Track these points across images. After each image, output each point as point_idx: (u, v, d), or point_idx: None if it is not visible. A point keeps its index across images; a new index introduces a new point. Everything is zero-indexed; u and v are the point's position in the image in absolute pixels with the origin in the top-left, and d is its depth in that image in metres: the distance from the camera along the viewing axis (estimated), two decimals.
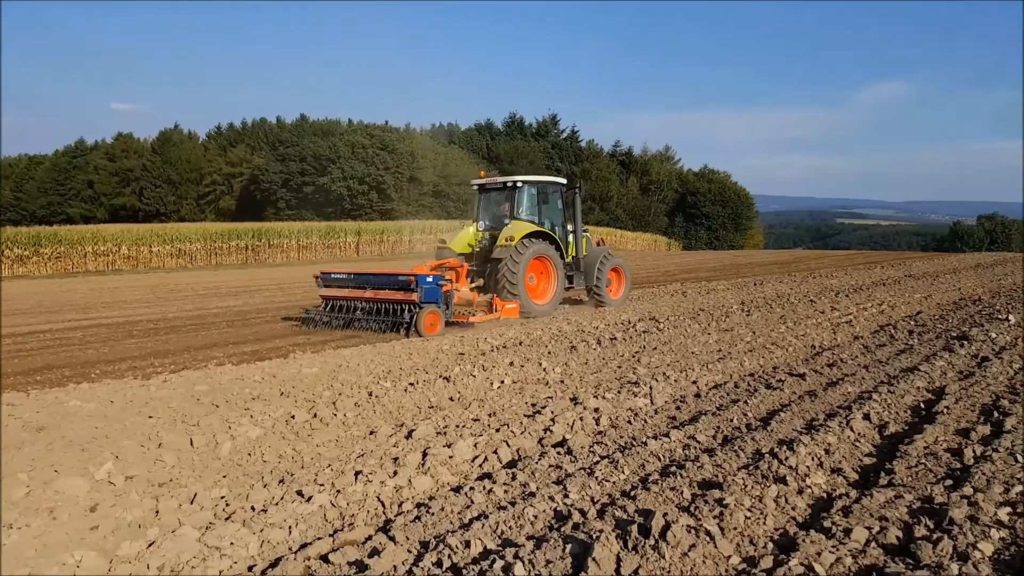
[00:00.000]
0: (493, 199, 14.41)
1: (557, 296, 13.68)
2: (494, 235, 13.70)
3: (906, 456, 4.58)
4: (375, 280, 12.23)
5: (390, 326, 11.44)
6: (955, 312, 11.95)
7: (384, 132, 65.63)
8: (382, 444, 5.31)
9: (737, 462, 4.59)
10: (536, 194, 14.04)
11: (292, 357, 8.97)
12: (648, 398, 6.45)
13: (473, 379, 7.33)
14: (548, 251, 13.41)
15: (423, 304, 11.24)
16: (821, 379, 7.17)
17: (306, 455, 5.16)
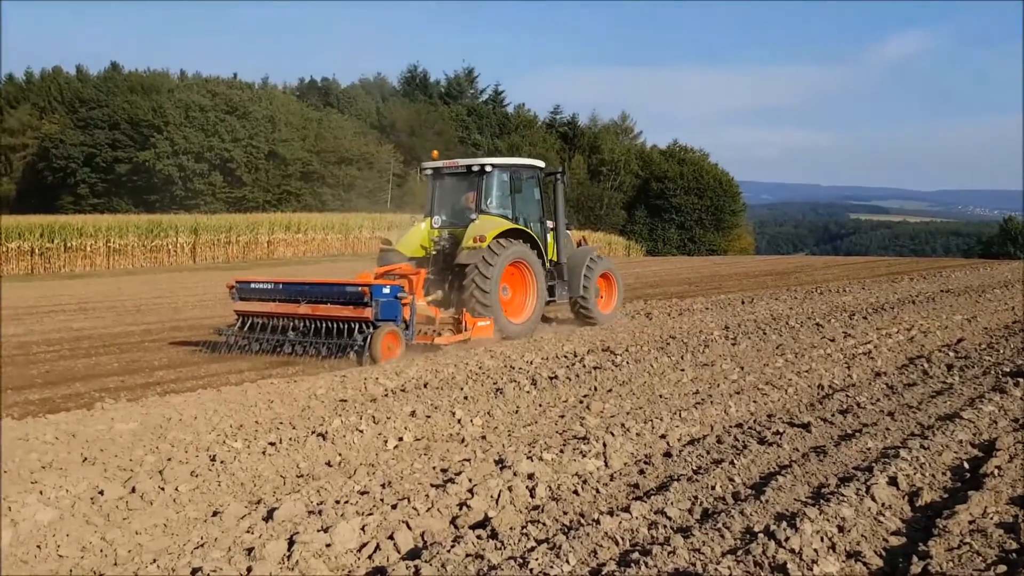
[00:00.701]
0: (452, 187, 14.97)
1: (537, 312, 14.46)
2: (455, 234, 14.18)
3: (945, 534, 4.77)
4: (313, 291, 12.72)
5: (335, 350, 11.82)
6: (1008, 340, 12.59)
7: (232, 89, 64.61)
8: (231, 529, 5.19)
9: (721, 545, 4.68)
10: (508, 181, 14.63)
11: (99, 408, 8.71)
12: (601, 459, 6.52)
13: (360, 435, 7.26)
14: (526, 254, 14.02)
15: (379, 322, 11.70)
16: (832, 431, 7.41)
17: (121, 547, 5.00)
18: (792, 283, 27.41)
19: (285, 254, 48.29)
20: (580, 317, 15.74)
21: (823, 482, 5.83)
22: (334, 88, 79.41)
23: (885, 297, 20.17)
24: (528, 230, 14.35)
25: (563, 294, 15.19)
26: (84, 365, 12.38)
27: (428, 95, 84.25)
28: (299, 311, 12.43)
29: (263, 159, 62.46)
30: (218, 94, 62.69)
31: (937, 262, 43.46)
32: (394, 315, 11.98)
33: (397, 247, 14.36)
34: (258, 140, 61.91)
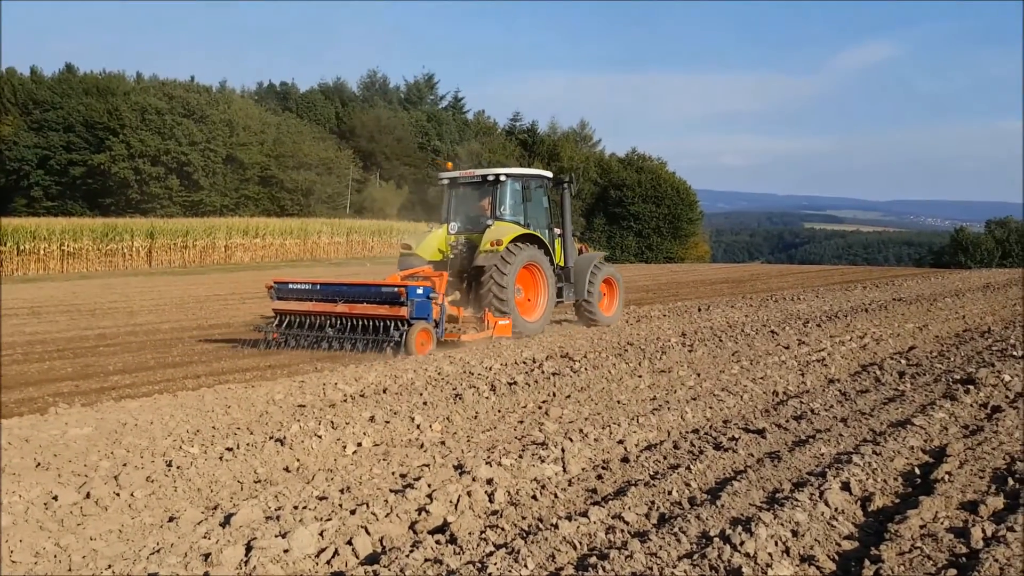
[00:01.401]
0: (467, 196, 16.00)
1: (548, 311, 15.59)
2: (470, 239, 15.28)
3: (897, 538, 4.85)
4: (350, 292, 13.81)
5: (371, 345, 12.99)
6: (958, 348, 12.83)
7: (189, 93, 63.92)
8: (187, 535, 5.14)
9: (678, 549, 4.72)
10: (520, 190, 15.70)
11: (53, 412, 8.60)
12: (560, 464, 6.55)
13: (318, 441, 7.22)
14: (538, 258, 15.16)
15: (413, 320, 12.82)
16: (786, 436, 7.51)
17: (75, 553, 4.93)
18: (748, 291, 27.71)
19: (243, 259, 47.87)
20: (584, 318, 16.74)
21: (777, 487, 5.90)
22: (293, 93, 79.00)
23: (838, 305, 20.45)
24: (539, 235, 15.34)
25: (570, 296, 16.14)
26: (37, 370, 12.20)
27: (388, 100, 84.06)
28: (336, 310, 13.49)
29: (221, 163, 61.89)
30: (175, 97, 62.00)
31: (889, 271, 44.19)
32: (426, 314, 13.06)
33: (417, 252, 15.26)
34: (216, 144, 61.31)
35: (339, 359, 12.78)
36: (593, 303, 16.51)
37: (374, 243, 55.72)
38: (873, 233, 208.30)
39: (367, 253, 54.62)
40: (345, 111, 77.67)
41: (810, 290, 26.92)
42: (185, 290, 28.98)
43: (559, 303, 16.00)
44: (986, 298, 22.36)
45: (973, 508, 5.37)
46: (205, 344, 14.90)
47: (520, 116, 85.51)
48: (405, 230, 46.58)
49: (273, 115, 68.93)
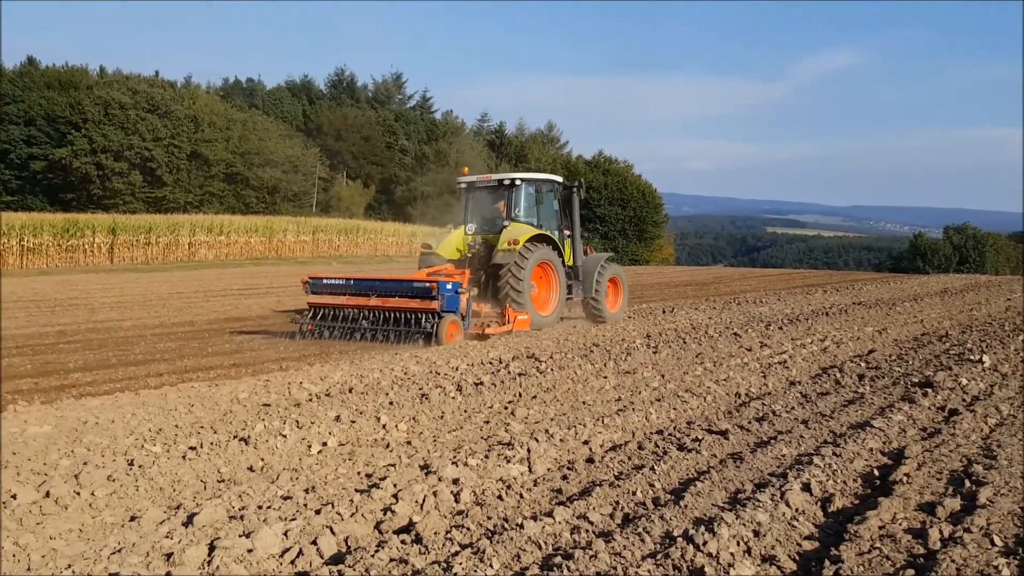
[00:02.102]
0: (483, 199, 16.95)
1: (560, 307, 16.61)
2: (487, 239, 16.37)
3: (857, 539, 4.92)
4: (384, 286, 14.69)
5: (404, 336, 13.93)
6: (916, 351, 13.00)
7: (153, 88, 63.20)
8: (149, 535, 5.09)
9: (642, 549, 4.76)
10: (534, 193, 16.72)
11: (12, 410, 8.47)
12: (525, 464, 6.56)
13: (283, 440, 7.18)
14: (551, 257, 16.19)
15: (443, 313, 13.77)
16: (749, 438, 7.58)
17: (35, 552, 4.86)
18: (711, 293, 27.92)
19: (207, 256, 47.39)
20: (591, 315, 17.57)
21: (740, 488, 5.96)
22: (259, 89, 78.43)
23: (800, 308, 20.65)
24: (551, 236, 16.37)
25: (578, 293, 17.17)
26: None
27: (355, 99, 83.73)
28: (370, 303, 14.41)
29: (185, 159, 61.22)
30: (139, 92, 61.21)
31: (849, 275, 44.68)
32: (455, 307, 13.98)
33: (437, 251, 16.33)
34: (180, 140, 60.65)
35: (305, 358, 12.72)
36: (600, 300, 17.41)
37: (340, 242, 55.39)
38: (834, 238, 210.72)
39: (333, 252, 54.32)
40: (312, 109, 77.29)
41: (772, 293, 27.17)
42: (148, 287, 28.64)
43: (568, 300, 16.94)
44: (944, 303, 22.70)
45: (931, 509, 5.45)
46: (169, 342, 14.75)
47: (488, 117, 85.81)
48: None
49: (239, 112, 68.28)
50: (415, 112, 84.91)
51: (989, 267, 69.15)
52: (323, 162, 70.21)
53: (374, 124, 76.43)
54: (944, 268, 67.70)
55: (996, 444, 7.07)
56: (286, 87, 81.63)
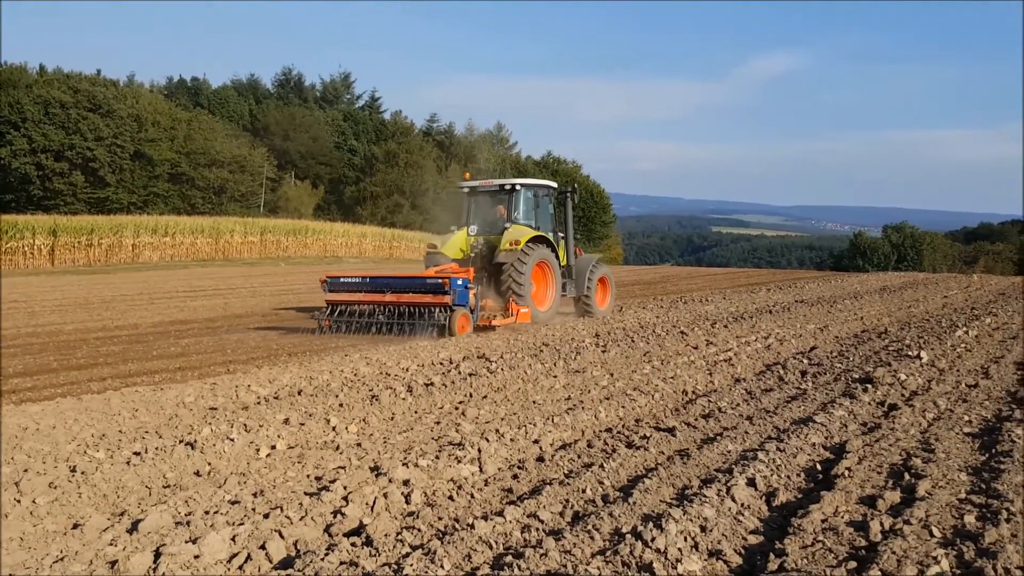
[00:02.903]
0: (485, 202, 18.18)
1: (556, 303, 17.79)
2: (489, 240, 17.51)
3: (800, 532, 5.00)
4: (398, 283, 15.87)
5: (418, 328, 14.94)
6: (857, 348, 13.25)
7: (95, 86, 61.97)
8: (92, 542, 4.99)
9: (591, 546, 4.78)
10: (532, 197, 18.00)
11: None
12: (476, 464, 6.56)
13: (231, 444, 7.09)
14: (548, 257, 17.36)
15: (455, 306, 14.87)
16: (695, 434, 7.66)
17: None
18: (658, 292, 28.14)
19: (151, 258, 46.63)
20: (582, 311, 18.81)
21: (687, 484, 6.02)
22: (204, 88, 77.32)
23: (744, 307, 20.92)
24: (548, 237, 17.53)
25: (571, 290, 18.45)
26: None
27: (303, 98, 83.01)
28: (385, 299, 15.47)
29: (128, 159, 60.18)
30: (80, 91, 60.01)
31: (792, 274, 45.32)
32: (465, 301, 15.09)
33: (443, 250, 17.30)
34: (123, 139, 59.59)
35: (253, 361, 12.58)
36: (591, 298, 18.77)
37: (289, 243, 54.84)
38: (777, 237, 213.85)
39: (282, 253, 53.77)
40: (259, 108, 76.45)
41: (718, 292, 27.48)
42: (90, 290, 28.08)
43: (563, 296, 18.17)
44: (883, 300, 23.15)
45: (871, 502, 5.56)
46: (112, 345, 14.49)
47: (437, 117, 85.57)
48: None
49: (184, 111, 67.29)
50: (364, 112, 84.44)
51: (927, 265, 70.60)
52: (271, 162, 69.49)
53: (322, 124, 75.85)
54: (883, 266, 69.01)
55: (934, 438, 7.22)
56: (232, 86, 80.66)
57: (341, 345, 14.19)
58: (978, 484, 5.88)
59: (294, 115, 74.20)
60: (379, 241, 60.53)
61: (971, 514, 5.18)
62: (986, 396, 9.15)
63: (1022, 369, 10.99)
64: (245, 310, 21.04)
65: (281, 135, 72.05)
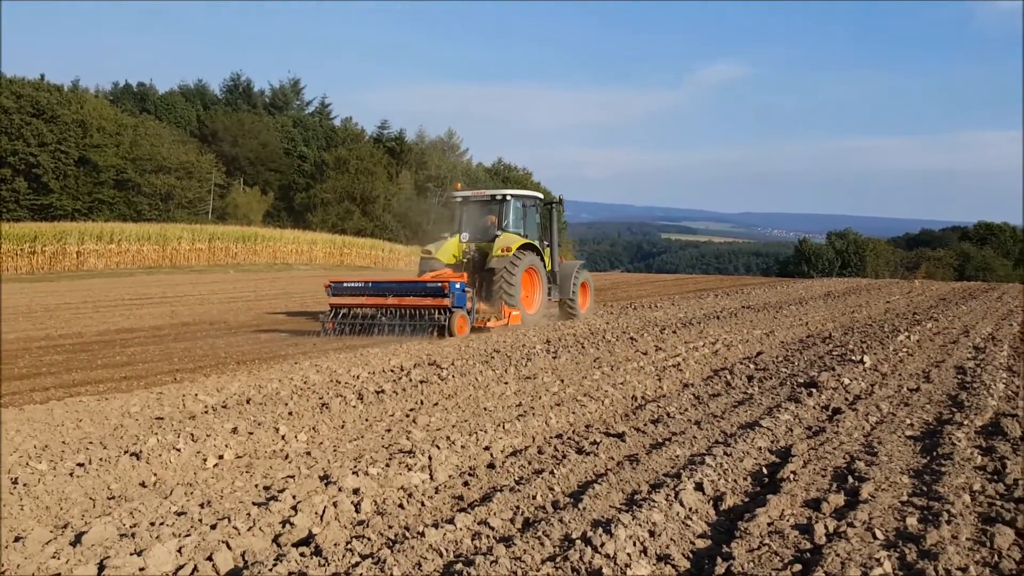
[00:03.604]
0: (476, 211, 19.18)
1: (543, 306, 18.88)
2: (480, 247, 18.52)
3: (747, 536, 5.05)
4: (399, 287, 16.87)
5: (419, 329, 15.88)
6: (802, 353, 13.45)
7: (39, 92, 60.78)
8: (34, 555, 4.88)
9: (541, 553, 4.79)
10: (521, 207, 19.08)
11: None
12: (427, 472, 6.53)
13: (177, 454, 6.98)
14: (536, 263, 18.48)
15: (454, 308, 15.77)
16: (644, 439, 7.71)
17: None
18: (609, 299, 28.29)
19: (96, 265, 45.78)
20: (566, 313, 19.93)
21: (636, 489, 6.05)
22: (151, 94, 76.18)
23: (693, 312, 21.13)
24: (536, 244, 18.59)
25: (556, 295, 19.53)
26: None
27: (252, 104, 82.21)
28: (387, 302, 16.36)
29: (73, 165, 59.08)
30: (23, 96, 58.83)
31: (739, 280, 45.87)
32: (463, 303, 15.98)
33: (437, 256, 18.16)
34: (67, 145, 58.51)
35: (200, 370, 12.41)
36: (575, 301, 19.87)
37: (238, 250, 54.17)
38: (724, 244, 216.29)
39: (231, 260, 53.12)
40: (207, 114, 75.53)
41: (666, 298, 27.72)
42: (33, 298, 27.50)
43: (548, 300, 19.16)
44: (827, 306, 23.54)
45: (816, 505, 5.63)
46: (55, 355, 14.20)
47: (388, 124, 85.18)
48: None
49: (130, 116, 66.25)
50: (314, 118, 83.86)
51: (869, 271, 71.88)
52: (219, 168, 68.67)
53: (272, 130, 75.15)
54: (827, 272, 70.11)
55: (877, 441, 7.35)
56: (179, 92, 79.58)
57: (291, 353, 14.07)
58: (919, 487, 5.99)
59: (243, 121, 73.44)
60: (330, 248, 60.09)
61: (913, 516, 5.28)
62: (927, 400, 9.34)
63: (962, 373, 11.24)
64: (193, 318, 20.75)
65: (230, 141, 71.26)
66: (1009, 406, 8.76)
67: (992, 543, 4.83)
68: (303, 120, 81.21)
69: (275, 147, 74.22)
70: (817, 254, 78.64)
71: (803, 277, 56.47)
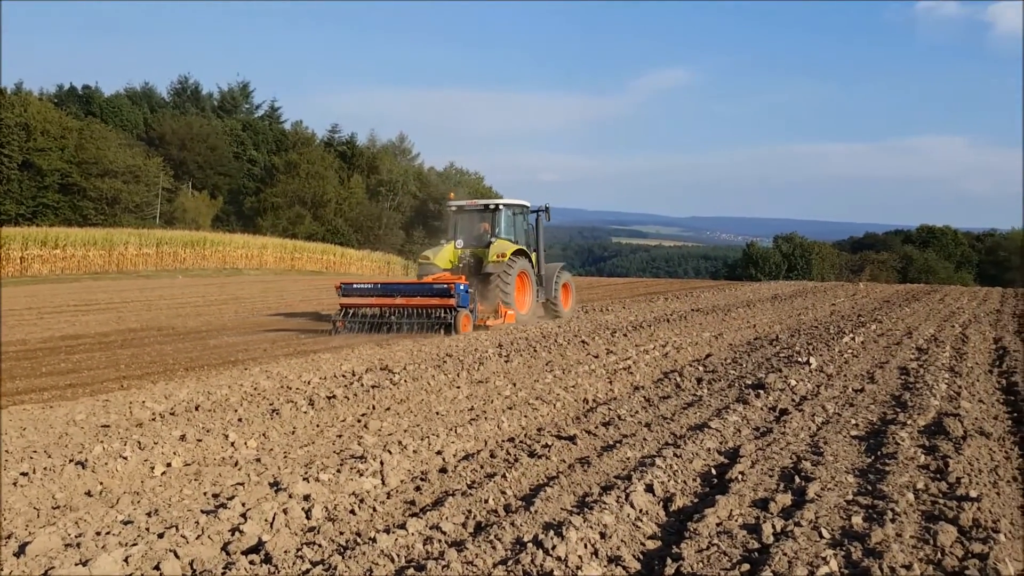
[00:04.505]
0: (471, 219, 20.47)
1: (533, 307, 20.22)
2: (475, 253, 19.80)
3: (696, 537, 5.10)
4: (407, 288, 18.19)
5: (425, 326, 17.13)
6: (750, 355, 13.62)
7: None
8: None
9: (493, 556, 4.79)
10: (512, 216, 20.45)
11: None
12: (378, 477, 6.50)
13: (124, 462, 6.87)
14: (527, 267, 19.87)
15: (459, 308, 16.97)
16: (595, 442, 7.75)
17: None
18: None
19: (41, 271, 44.84)
20: (550, 312, 21.16)
21: (587, 491, 6.08)
22: (96, 97, 74.78)
23: (643, 316, 21.28)
24: (526, 250, 19.95)
25: (541, 296, 20.82)
26: None
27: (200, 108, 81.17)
28: (396, 302, 17.56)
29: (16, 169, 57.79)
30: None
31: (688, 283, 46.28)
32: (467, 303, 17.23)
33: (435, 261, 19.33)
34: (11, 149, 57.18)
35: (148, 376, 12.21)
36: (558, 301, 21.22)
37: (186, 254, 53.38)
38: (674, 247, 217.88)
39: (179, 265, 52.34)
40: (154, 117, 74.37)
41: (618, 301, 27.87)
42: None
43: (537, 301, 20.43)
44: (774, 308, 23.86)
45: (764, 505, 5.70)
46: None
47: (339, 128, 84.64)
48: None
49: (75, 120, 64.97)
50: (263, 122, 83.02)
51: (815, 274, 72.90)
52: (167, 172, 67.64)
53: (221, 133, 74.20)
54: (774, 275, 70.94)
55: (823, 441, 7.46)
56: (126, 95, 78.26)
57: (241, 359, 13.92)
58: (864, 486, 6.10)
59: (191, 124, 72.38)
60: (280, 252, 59.51)
61: (858, 515, 5.36)
62: (872, 400, 9.51)
63: (905, 374, 11.46)
64: (140, 324, 20.41)
65: (177, 145, 70.20)
66: (951, 406, 8.94)
67: (935, 541, 4.93)
68: (252, 124, 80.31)
69: (224, 151, 73.28)
70: (764, 258, 79.56)
71: (751, 280, 57.15)
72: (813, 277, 67.99)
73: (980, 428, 7.90)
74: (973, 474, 6.29)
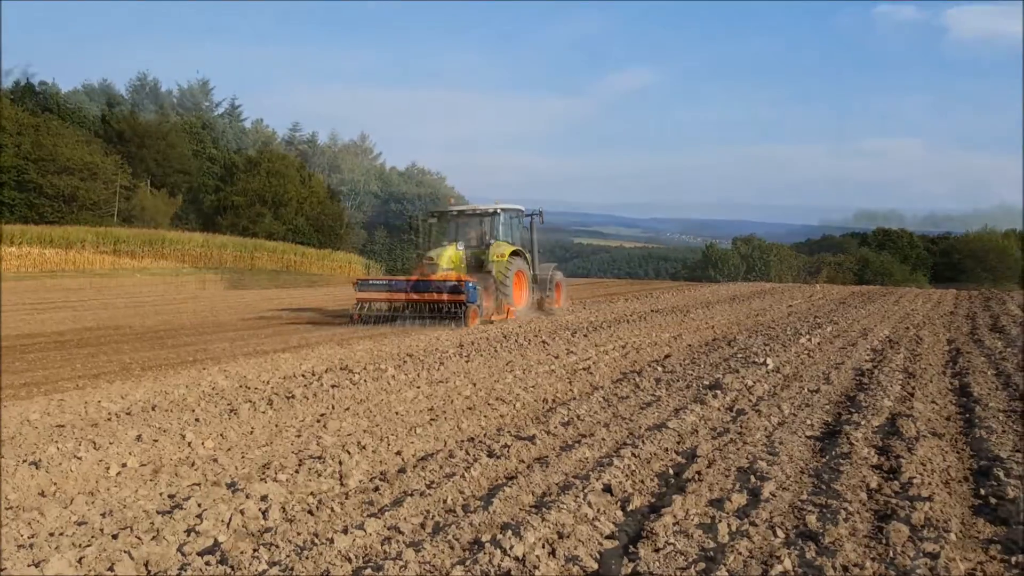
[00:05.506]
0: (470, 223, 21.99)
1: (530, 303, 21.68)
2: (475, 254, 21.26)
3: (653, 536, 5.13)
4: (419, 285, 19.14)
5: (437, 320, 18.54)
6: (708, 355, 13.72)
7: None
8: None
9: (451, 557, 4.79)
10: (509, 219, 21.97)
11: None
12: (337, 477, 6.47)
13: (79, 463, 6.77)
14: (524, 267, 21.45)
15: (468, 303, 18.40)
16: (555, 442, 7.77)
17: None
18: None
19: None
20: (542, 309, 22.20)
21: (546, 491, 6.09)
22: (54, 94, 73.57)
23: (603, 316, 21.36)
24: (522, 251, 21.52)
25: (536, 294, 22.16)
26: None
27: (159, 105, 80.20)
28: (411, 297, 18.97)
29: None
30: None
31: (649, 284, 46.61)
32: (475, 299, 18.61)
33: (438, 262, 20.09)
34: None
35: (104, 376, 12.03)
36: (552, 299, 22.66)
37: (144, 253, 52.72)
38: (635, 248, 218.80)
39: (137, 264, 51.65)
40: (112, 114, 73.32)
41: (578, 302, 27.95)
42: None
43: (532, 298, 21.81)
44: (732, 309, 24.08)
45: (720, 504, 5.76)
46: None
47: (300, 126, 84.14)
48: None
49: (31, 116, 63.84)
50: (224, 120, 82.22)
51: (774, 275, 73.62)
52: (125, 170, 66.67)
53: (180, 131, 73.34)
54: (733, 277, 71.55)
55: (779, 441, 7.54)
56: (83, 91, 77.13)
57: (199, 359, 13.75)
58: (819, 485, 6.18)
59: (150, 122, 71.52)
60: (240, 251, 58.91)
61: (812, 514, 5.44)
62: (827, 401, 9.63)
63: (860, 375, 11.62)
64: (97, 323, 20.11)
65: (136, 142, 69.26)
66: (904, 406, 9.09)
67: (888, 540, 5.01)
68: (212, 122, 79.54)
69: (183, 149, 72.45)
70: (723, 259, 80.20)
71: (710, 281, 57.59)
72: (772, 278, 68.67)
73: (933, 429, 8.05)
74: (925, 474, 6.41)
